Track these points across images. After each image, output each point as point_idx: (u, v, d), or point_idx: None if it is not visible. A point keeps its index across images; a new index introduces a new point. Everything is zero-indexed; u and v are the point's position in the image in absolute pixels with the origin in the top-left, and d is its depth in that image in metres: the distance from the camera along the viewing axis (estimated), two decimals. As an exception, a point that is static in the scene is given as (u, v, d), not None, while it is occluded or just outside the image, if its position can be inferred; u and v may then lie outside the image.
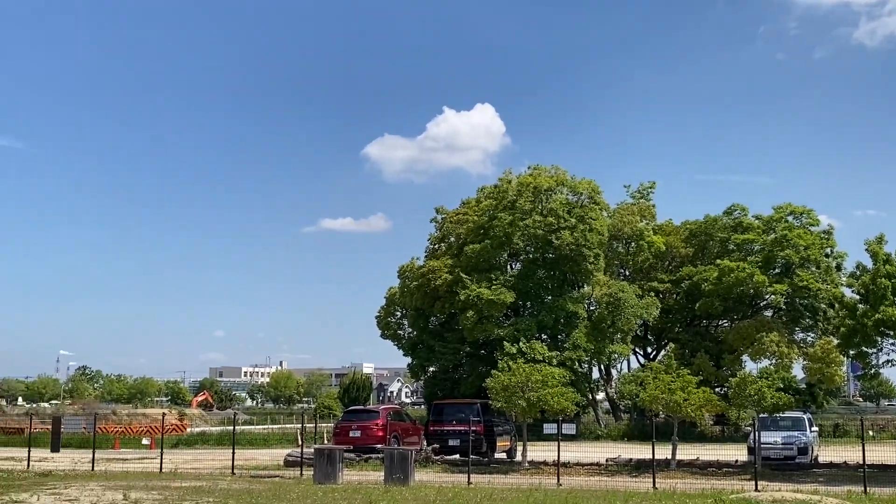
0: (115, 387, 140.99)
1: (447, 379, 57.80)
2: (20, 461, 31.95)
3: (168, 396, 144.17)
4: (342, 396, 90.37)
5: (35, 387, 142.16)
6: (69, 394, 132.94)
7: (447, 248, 58.58)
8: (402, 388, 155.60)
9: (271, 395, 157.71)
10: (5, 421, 63.13)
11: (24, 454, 33.06)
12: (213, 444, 48.35)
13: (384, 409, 36.71)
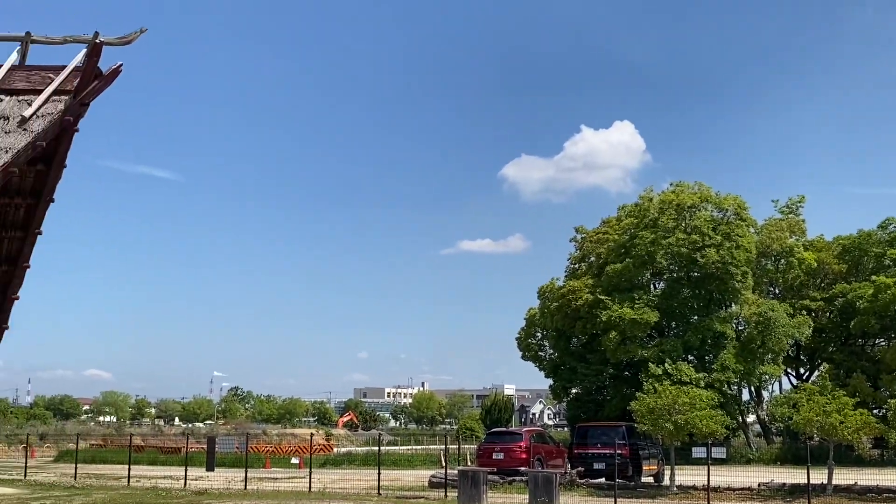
0: (265, 407, 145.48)
1: (590, 401, 57.04)
2: (178, 480, 33.27)
3: (315, 417, 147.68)
4: (484, 418, 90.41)
5: (191, 407, 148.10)
6: (222, 414, 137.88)
7: (587, 268, 57.95)
8: (544, 410, 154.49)
9: (414, 416, 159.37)
10: (163, 440, 65.88)
11: (182, 473, 34.40)
12: (358, 465, 49.15)
13: (527, 432, 36.49)
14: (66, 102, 18.78)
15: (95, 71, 19.17)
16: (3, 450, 59.53)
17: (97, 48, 19.19)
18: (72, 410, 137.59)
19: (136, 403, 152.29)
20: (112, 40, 19.22)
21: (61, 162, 20.88)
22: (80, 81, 19.03)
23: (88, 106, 18.99)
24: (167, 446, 57.73)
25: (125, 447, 52.44)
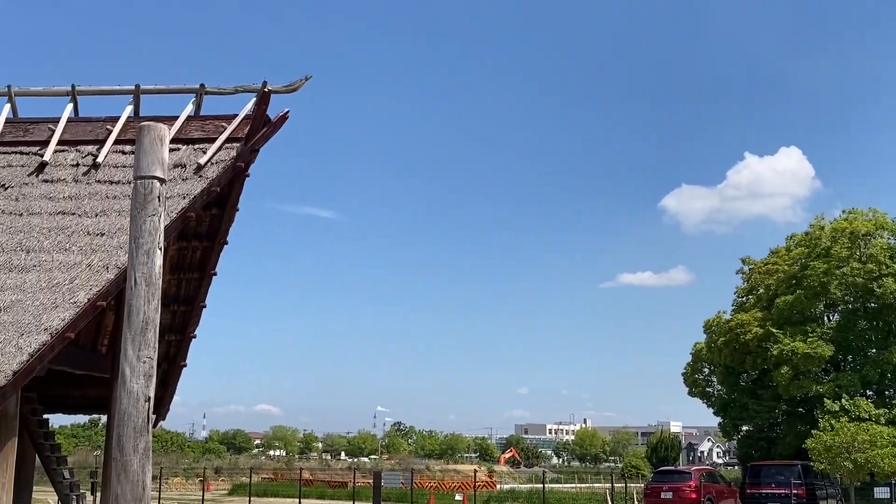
0: (427, 442, 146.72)
1: (762, 438, 54.77)
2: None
3: (476, 452, 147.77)
4: (650, 456, 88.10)
5: (356, 441, 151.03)
6: (386, 449, 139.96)
7: (756, 301, 55.87)
8: (713, 448, 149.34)
9: (577, 453, 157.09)
10: (330, 475, 67.28)
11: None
12: (522, 502, 48.72)
13: (696, 470, 35.33)
14: (238, 149, 19.68)
15: (264, 118, 20.01)
16: (181, 483, 62.24)
17: (265, 97, 20.07)
18: (244, 444, 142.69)
19: (304, 438, 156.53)
20: (279, 88, 20.05)
21: (234, 206, 21.84)
22: (250, 129, 19.92)
23: (258, 152, 19.80)
24: (334, 480, 58.89)
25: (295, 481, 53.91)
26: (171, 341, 24.15)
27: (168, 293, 21.83)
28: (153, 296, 6.12)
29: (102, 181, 18.82)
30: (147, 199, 6.30)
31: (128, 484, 5.60)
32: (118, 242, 17.46)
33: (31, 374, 15.47)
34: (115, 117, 19.94)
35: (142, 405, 5.81)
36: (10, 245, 17.52)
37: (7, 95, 20.18)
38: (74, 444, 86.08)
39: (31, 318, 15.95)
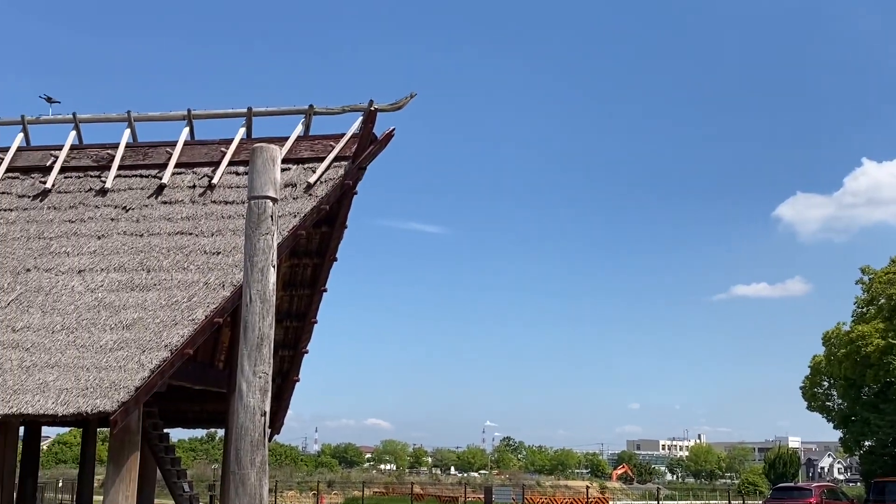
0: (538, 458, 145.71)
1: (887, 454, 52.54)
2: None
3: (587, 468, 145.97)
4: (767, 472, 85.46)
5: (465, 456, 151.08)
6: (496, 464, 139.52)
7: (877, 312, 53.69)
8: (833, 464, 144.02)
9: (691, 470, 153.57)
10: (441, 489, 67.43)
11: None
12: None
13: (817, 487, 34.17)
14: (346, 167, 20.03)
15: (371, 136, 20.31)
16: (295, 496, 63.28)
17: (372, 115, 20.35)
18: (355, 458, 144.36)
19: (414, 452, 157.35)
20: (385, 107, 20.30)
21: (343, 223, 22.23)
22: (357, 147, 20.24)
23: (365, 169, 20.09)
24: (445, 495, 59.02)
25: (406, 495, 54.22)
26: (284, 357, 24.67)
27: (281, 309, 22.31)
28: (268, 312, 6.26)
29: (217, 201, 19.42)
30: (260, 219, 6.46)
31: (245, 497, 5.73)
32: (233, 261, 17.97)
33: (152, 390, 16.02)
34: (229, 139, 20.56)
35: (258, 419, 5.94)
36: (131, 265, 18.22)
37: (127, 121, 21.02)
38: (192, 457, 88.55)
39: (152, 336, 16.53)
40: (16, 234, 19.26)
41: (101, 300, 17.28)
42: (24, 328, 16.77)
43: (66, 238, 19.05)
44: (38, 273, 18.16)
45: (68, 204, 19.84)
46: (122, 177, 20.26)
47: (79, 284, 17.73)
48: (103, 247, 18.60)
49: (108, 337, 16.32)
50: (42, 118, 21.47)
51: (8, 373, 15.75)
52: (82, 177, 20.49)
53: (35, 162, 20.86)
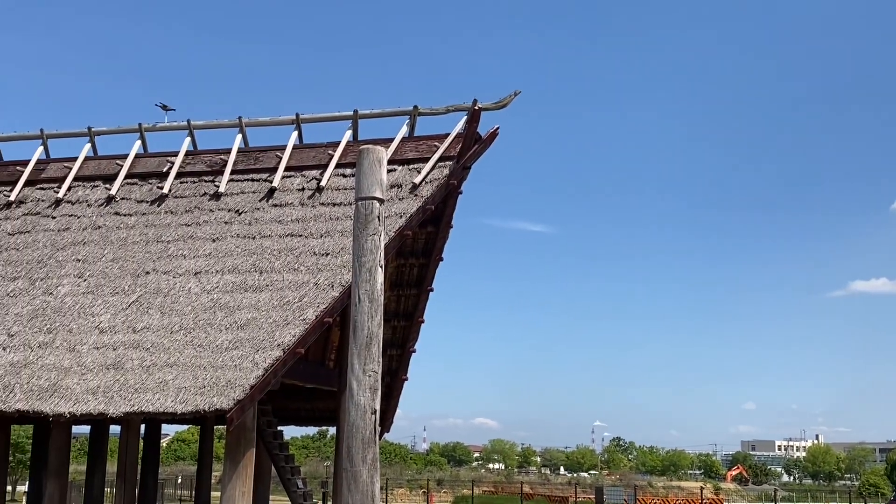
0: (648, 458, 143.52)
1: None
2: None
3: (700, 469, 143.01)
4: (889, 474, 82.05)
5: (574, 456, 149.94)
6: (606, 464, 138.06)
7: None
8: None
9: (809, 471, 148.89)
10: (551, 489, 67.09)
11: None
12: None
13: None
14: (451, 167, 20.11)
15: (475, 136, 20.34)
16: (405, 494, 63.89)
17: (476, 114, 20.38)
18: (463, 457, 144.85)
19: (523, 452, 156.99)
20: (489, 105, 20.30)
21: (448, 223, 22.34)
22: (461, 147, 20.31)
23: (470, 169, 20.13)
24: (555, 495, 58.68)
25: (515, 494, 54.14)
26: (392, 356, 24.94)
27: (388, 309, 22.54)
28: (376, 312, 6.33)
29: (326, 203, 19.77)
30: (368, 220, 6.54)
31: (358, 493, 5.80)
32: (342, 261, 18.26)
33: (266, 388, 16.40)
34: (336, 142, 20.90)
35: (369, 417, 6.01)
36: (245, 267, 18.70)
37: (238, 126, 21.59)
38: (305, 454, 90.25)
39: (266, 335, 16.93)
40: (135, 238, 19.99)
41: (217, 301, 17.79)
42: (145, 328, 17.38)
43: (183, 241, 19.69)
44: (156, 275, 18.80)
45: (184, 208, 20.49)
46: (234, 181, 20.82)
47: (195, 286, 18.30)
48: (218, 249, 19.15)
49: (224, 337, 16.79)
50: (158, 126, 22.23)
51: (129, 372, 16.36)
52: (197, 182, 21.15)
53: (152, 168, 21.61)
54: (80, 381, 16.35)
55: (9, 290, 19.22)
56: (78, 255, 19.76)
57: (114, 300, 18.29)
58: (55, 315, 18.19)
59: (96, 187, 21.59)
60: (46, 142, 22.48)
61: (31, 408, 16.00)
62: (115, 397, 15.82)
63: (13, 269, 19.78)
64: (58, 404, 15.89)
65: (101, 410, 15.65)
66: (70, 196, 21.48)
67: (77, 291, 18.75)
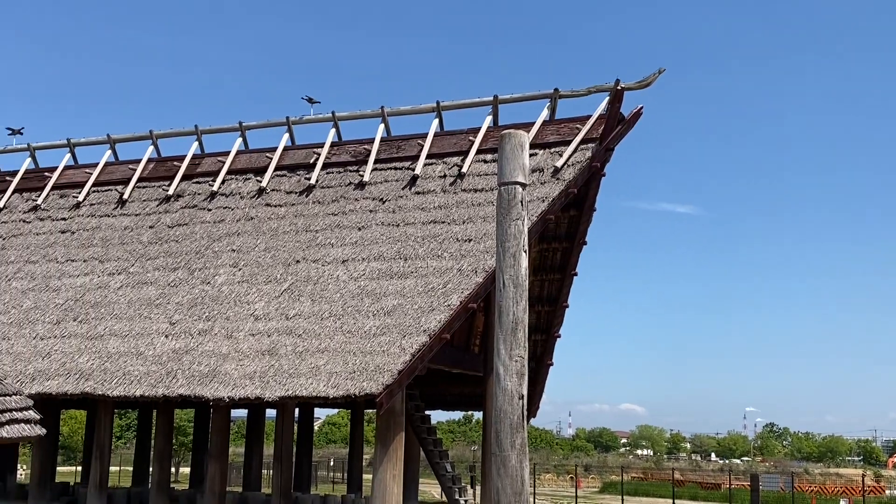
0: (804, 444, 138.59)
1: None
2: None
3: (859, 456, 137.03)
4: None
5: (725, 443, 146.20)
6: (759, 451, 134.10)
7: None
8: None
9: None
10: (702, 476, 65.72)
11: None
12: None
13: None
14: (593, 149, 19.89)
15: (618, 116, 20.03)
16: (552, 479, 63.85)
17: (619, 94, 20.06)
18: (610, 443, 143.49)
19: (672, 438, 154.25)
20: (632, 85, 19.92)
21: (591, 206, 22.08)
22: (604, 128, 20.04)
23: (613, 151, 19.86)
24: (707, 482, 57.43)
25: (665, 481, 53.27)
26: (537, 341, 24.92)
27: (532, 294, 22.52)
28: (521, 297, 6.32)
29: (467, 190, 19.90)
30: (511, 204, 6.52)
31: (507, 478, 5.82)
32: (484, 247, 18.35)
33: (413, 373, 16.66)
34: (476, 128, 21.00)
35: (516, 402, 6.01)
36: (390, 254, 19.05)
37: (381, 116, 21.98)
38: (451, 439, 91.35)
39: (412, 321, 17.20)
40: (285, 228, 20.66)
41: (364, 288, 18.19)
42: (296, 315, 17.95)
43: (331, 230, 20.22)
44: (306, 264, 19.38)
45: (331, 198, 21.03)
46: (378, 170, 21.23)
47: (343, 274, 18.76)
48: (364, 237, 19.57)
49: (372, 323, 17.15)
50: (305, 118, 22.87)
51: (283, 357, 16.92)
52: (342, 172, 21.67)
53: (300, 160, 22.27)
54: (237, 366, 17.03)
55: (170, 280, 20.20)
56: (233, 246, 20.57)
57: (267, 288, 18.96)
58: (213, 303, 19.00)
59: (248, 180, 22.42)
60: (201, 137, 23.47)
61: (192, 392, 16.79)
62: (271, 382, 16.41)
63: (173, 260, 20.78)
64: (217, 389, 16.61)
65: (257, 395, 16.28)
66: (224, 189, 22.39)
67: (233, 280, 19.53)
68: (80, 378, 17.98)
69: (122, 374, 17.75)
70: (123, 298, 20.03)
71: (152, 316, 19.19)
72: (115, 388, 17.45)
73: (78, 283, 21.04)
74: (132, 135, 24.40)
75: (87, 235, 22.44)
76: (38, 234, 23.08)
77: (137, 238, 21.80)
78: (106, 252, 21.69)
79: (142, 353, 18.15)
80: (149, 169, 23.54)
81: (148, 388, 17.20)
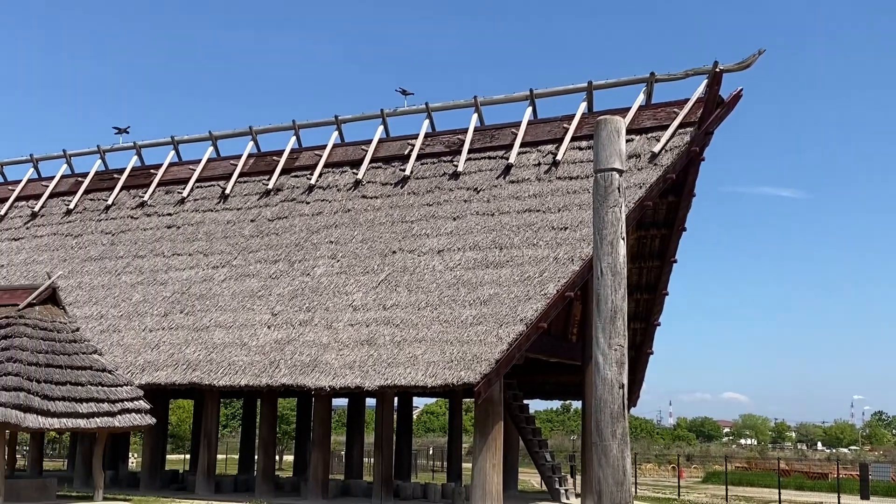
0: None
1: None
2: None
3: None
4: None
5: (832, 432, 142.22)
6: (867, 439, 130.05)
7: None
8: None
9: None
10: (808, 465, 64.06)
11: (833, 500, 33.04)
12: None
13: None
14: (692, 134, 19.52)
15: (717, 99, 19.61)
16: (654, 469, 63.08)
17: (717, 77, 19.66)
18: (712, 432, 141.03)
19: (776, 427, 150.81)
20: (731, 67, 19.52)
21: (690, 191, 21.71)
22: (703, 112, 19.64)
23: (712, 134, 19.45)
24: (813, 472, 55.95)
25: (769, 471, 52.09)
26: (636, 329, 24.63)
27: (630, 282, 22.22)
28: (619, 285, 6.25)
29: (562, 177, 19.79)
30: (607, 192, 6.45)
31: (609, 468, 5.77)
32: (581, 235, 18.22)
33: (510, 362, 16.69)
34: (571, 115, 20.84)
35: (616, 392, 5.95)
36: (485, 243, 19.08)
37: (474, 106, 21.99)
38: (549, 428, 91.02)
39: (508, 310, 17.21)
40: (381, 219, 20.89)
41: (460, 278, 18.28)
42: (394, 306, 18.16)
43: (426, 221, 20.37)
44: (402, 254, 19.58)
45: (425, 189, 21.18)
46: (472, 160, 21.27)
47: (439, 264, 18.89)
48: (459, 227, 19.65)
49: (468, 312, 17.23)
50: (399, 110, 23.06)
51: (382, 347, 17.15)
52: (436, 162, 21.79)
53: (394, 151, 22.48)
54: (337, 356, 17.33)
55: (271, 272, 20.67)
56: (331, 238, 20.92)
57: (365, 279, 19.23)
58: (313, 294, 19.37)
59: (344, 172, 22.74)
60: (298, 132, 23.90)
61: (294, 382, 17.18)
62: (370, 371, 16.65)
63: (274, 253, 21.24)
64: (318, 378, 16.94)
65: (357, 384, 16.55)
66: (321, 182, 22.76)
67: (331, 272, 19.86)
68: (188, 368, 18.57)
69: (227, 364, 18.26)
70: (227, 291, 20.58)
71: (255, 307, 19.68)
72: (221, 378, 17.99)
73: (184, 276, 21.69)
74: (232, 131, 25.00)
75: (191, 230, 23.10)
76: (146, 229, 23.86)
77: (239, 231, 22.33)
78: (210, 246, 22.30)
79: (245, 343, 18.64)
80: (249, 164, 24.07)
81: (252, 377, 17.67)
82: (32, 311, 17.40)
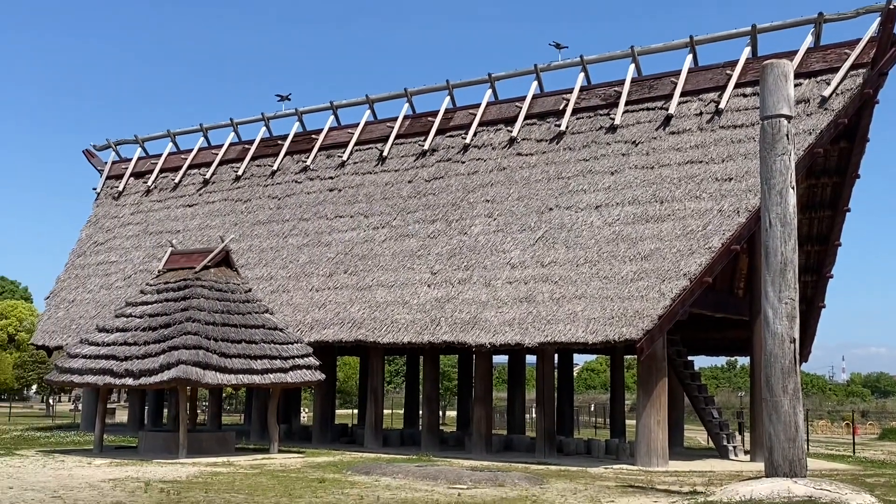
0: None
1: None
2: None
3: None
4: None
5: None
6: None
7: None
8: None
9: None
10: None
11: None
12: None
13: None
14: (864, 75, 18.47)
15: (892, 38, 18.42)
16: (827, 426, 60.87)
17: (891, 14, 18.47)
18: (888, 388, 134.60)
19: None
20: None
21: (863, 136, 20.58)
22: (876, 51, 18.54)
23: (886, 75, 18.34)
24: None
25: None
26: (807, 282, 23.67)
27: (800, 233, 21.32)
28: (789, 236, 6.00)
29: (726, 126, 19.07)
30: (775, 139, 6.19)
31: (780, 424, 5.59)
32: (746, 186, 17.58)
33: (674, 318, 16.38)
34: (734, 61, 20.01)
35: (787, 346, 5.74)
36: (644, 197, 18.69)
37: (630, 56, 21.44)
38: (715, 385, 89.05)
39: (670, 265, 16.86)
40: (537, 176, 20.76)
41: (619, 233, 18.01)
42: (552, 263, 18.10)
43: (582, 176, 20.10)
44: (559, 211, 19.43)
45: (581, 143, 20.87)
46: (629, 112, 20.79)
47: (597, 219, 18.65)
48: (616, 182, 19.31)
49: (628, 268, 16.99)
50: (553, 65, 22.76)
51: (540, 304, 17.16)
52: (592, 116, 21.41)
53: (549, 107, 22.22)
54: (496, 313, 17.46)
55: (429, 231, 20.95)
56: (487, 196, 20.97)
57: (521, 237, 19.22)
58: (470, 253, 19.53)
59: (499, 130, 22.69)
60: (452, 92, 23.97)
61: (455, 339, 17.45)
62: (530, 328, 16.71)
63: (431, 213, 21.50)
64: (478, 336, 17.14)
65: (517, 341, 16.65)
66: (476, 141, 22.79)
67: (488, 230, 19.95)
68: (353, 326, 19.15)
69: (389, 322, 18.72)
70: (388, 251, 21.02)
71: (415, 266, 20.03)
72: (385, 336, 18.47)
73: (346, 237, 22.29)
74: (388, 94, 25.32)
75: (352, 192, 23.65)
76: (309, 192, 24.59)
77: (398, 193, 22.70)
78: (370, 207, 22.78)
79: (407, 302, 19.03)
80: (405, 126, 24.37)
81: (414, 335, 18.06)
82: (208, 273, 18.34)
